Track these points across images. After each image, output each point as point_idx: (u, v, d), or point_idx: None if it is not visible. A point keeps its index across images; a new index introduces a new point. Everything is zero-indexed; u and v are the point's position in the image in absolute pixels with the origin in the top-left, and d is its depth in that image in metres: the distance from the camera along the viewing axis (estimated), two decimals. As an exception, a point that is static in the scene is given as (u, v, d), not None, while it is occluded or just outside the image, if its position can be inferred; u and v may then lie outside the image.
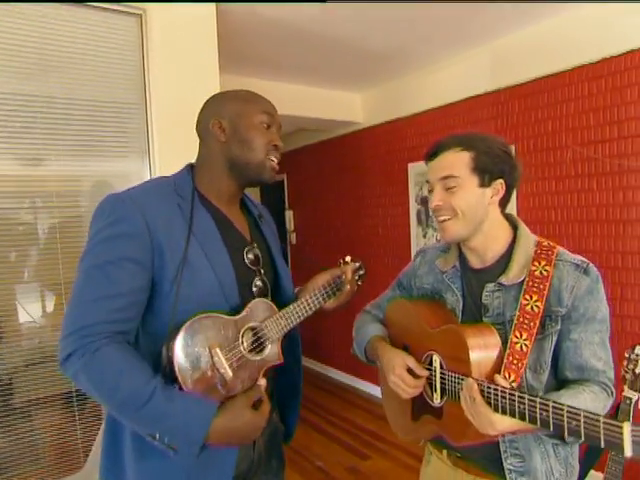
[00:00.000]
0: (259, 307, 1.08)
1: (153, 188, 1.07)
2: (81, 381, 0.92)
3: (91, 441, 2.03)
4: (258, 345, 1.05)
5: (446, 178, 1.12)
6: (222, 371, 0.95)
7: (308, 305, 1.17)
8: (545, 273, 1.08)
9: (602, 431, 0.78)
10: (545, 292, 1.06)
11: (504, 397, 0.94)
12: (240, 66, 3.31)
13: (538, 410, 0.88)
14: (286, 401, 1.27)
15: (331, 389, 4.44)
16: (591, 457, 1.83)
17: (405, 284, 1.42)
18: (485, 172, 1.11)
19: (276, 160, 1.14)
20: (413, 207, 3.78)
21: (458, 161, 1.11)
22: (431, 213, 1.19)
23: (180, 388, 0.92)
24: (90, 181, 2.17)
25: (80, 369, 0.90)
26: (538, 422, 0.88)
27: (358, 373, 4.47)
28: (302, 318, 1.15)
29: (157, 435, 0.89)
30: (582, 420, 0.81)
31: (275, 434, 1.22)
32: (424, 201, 3.69)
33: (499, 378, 0.99)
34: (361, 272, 1.34)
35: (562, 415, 0.84)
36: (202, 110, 1.16)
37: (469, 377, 1.01)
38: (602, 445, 0.78)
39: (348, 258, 1.33)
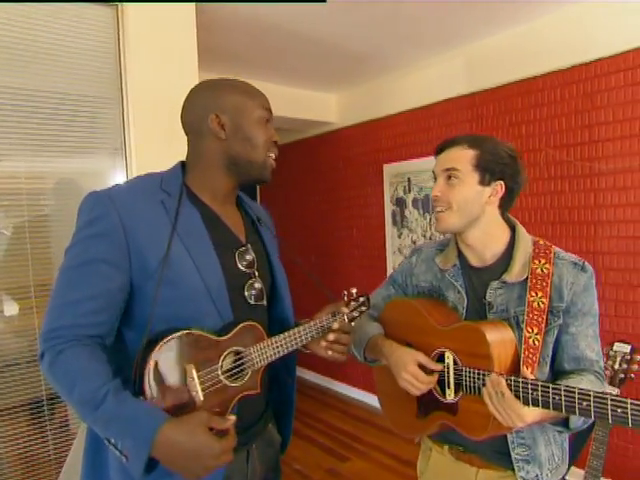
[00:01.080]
0: (249, 331, 1.00)
1: (137, 185, 1.02)
2: (49, 381, 0.92)
3: (64, 451, 1.92)
4: (238, 371, 0.98)
5: (448, 170, 1.18)
6: (193, 393, 0.89)
7: (300, 338, 1.08)
8: (545, 271, 1.13)
9: None
10: (548, 289, 1.12)
11: (535, 389, 0.98)
12: (215, 63, 3.23)
13: (577, 400, 0.92)
14: (282, 412, 1.23)
15: (306, 391, 4.41)
16: (578, 444, 1.88)
17: (400, 282, 1.42)
18: (486, 171, 1.17)
19: (274, 156, 1.09)
20: (388, 208, 3.80)
21: (462, 157, 1.17)
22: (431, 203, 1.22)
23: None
24: (58, 179, 2.07)
25: (47, 369, 0.90)
26: (577, 411, 0.93)
27: (332, 374, 4.46)
28: (290, 350, 1.07)
29: (112, 439, 0.86)
30: (629, 406, 0.86)
31: (271, 445, 1.17)
32: (399, 202, 3.71)
33: (527, 372, 1.03)
34: (363, 308, 1.22)
35: (605, 403, 0.89)
36: (193, 101, 1.06)
37: (491, 372, 1.04)
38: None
39: (354, 290, 1.23)
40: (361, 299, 1.22)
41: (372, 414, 3.76)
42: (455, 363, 1.14)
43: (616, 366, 1.78)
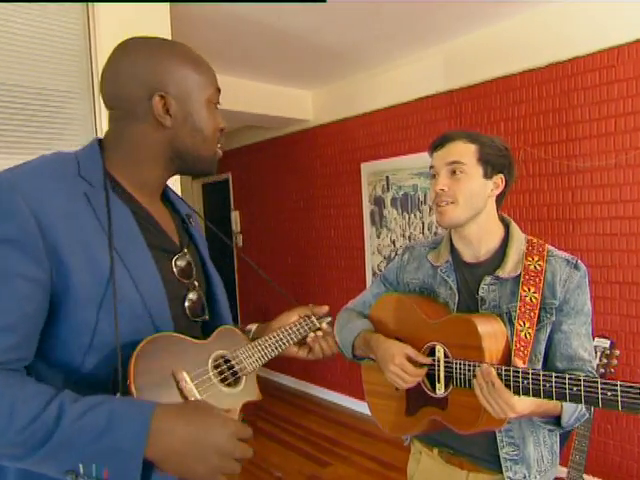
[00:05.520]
0: (228, 334, 0.92)
1: (47, 169, 0.77)
2: None
3: None
4: (230, 377, 0.88)
5: (453, 163, 1.17)
6: (192, 399, 0.77)
7: (282, 340, 1.01)
8: (539, 268, 1.14)
9: None
10: (540, 285, 1.12)
11: (526, 378, 0.97)
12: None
13: (567, 385, 0.92)
14: None
15: (283, 396, 4.32)
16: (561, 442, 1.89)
17: (391, 280, 1.41)
18: (488, 164, 1.18)
19: (220, 145, 0.92)
20: (367, 207, 3.75)
21: (466, 151, 1.17)
22: (431, 199, 1.24)
23: None
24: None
25: None
26: (567, 397, 0.92)
27: (310, 378, 4.39)
28: (275, 353, 0.99)
29: (81, 467, 0.65)
30: (619, 389, 0.86)
31: None
32: (378, 201, 3.67)
33: (518, 361, 1.02)
34: (328, 319, 1.14)
35: (596, 387, 0.89)
36: (125, 71, 0.82)
37: (482, 363, 1.03)
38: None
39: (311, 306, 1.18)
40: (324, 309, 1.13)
41: (352, 417, 3.71)
42: (446, 356, 1.13)
43: (596, 361, 1.79)
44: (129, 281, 0.76)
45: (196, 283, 0.91)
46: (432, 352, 1.17)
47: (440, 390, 1.14)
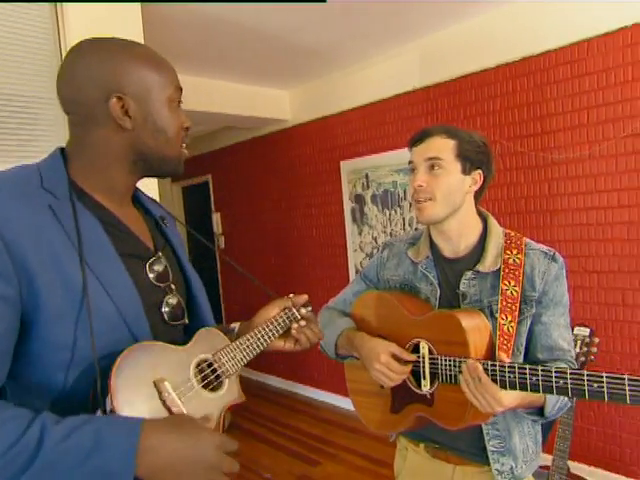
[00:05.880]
0: (208, 336, 0.89)
1: (7, 184, 0.75)
2: None
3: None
4: (214, 381, 0.86)
5: (432, 159, 1.16)
6: (175, 410, 0.75)
7: (263, 337, 0.98)
8: (518, 261, 1.15)
9: (627, 389, 0.85)
10: (520, 278, 1.13)
11: (512, 372, 0.97)
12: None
13: (554, 378, 0.93)
14: None
15: (269, 396, 4.29)
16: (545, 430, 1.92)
17: (371, 277, 1.41)
18: (467, 160, 1.17)
19: (185, 145, 0.91)
20: (347, 205, 3.76)
21: (444, 146, 1.17)
22: (410, 194, 1.24)
23: None
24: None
25: None
26: (554, 390, 0.93)
27: (296, 378, 4.37)
28: (258, 351, 0.97)
29: None
30: (604, 381, 0.87)
31: None
32: (358, 199, 3.68)
33: (502, 355, 1.03)
34: (309, 307, 1.11)
35: (582, 379, 0.90)
36: (81, 73, 0.79)
37: (468, 359, 1.03)
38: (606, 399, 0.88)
39: (291, 296, 1.15)
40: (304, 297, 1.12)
41: (340, 416, 3.71)
42: (430, 352, 1.13)
43: (577, 349, 1.82)
44: (103, 294, 0.75)
45: (173, 286, 0.90)
46: (416, 349, 1.16)
47: (426, 387, 1.14)
